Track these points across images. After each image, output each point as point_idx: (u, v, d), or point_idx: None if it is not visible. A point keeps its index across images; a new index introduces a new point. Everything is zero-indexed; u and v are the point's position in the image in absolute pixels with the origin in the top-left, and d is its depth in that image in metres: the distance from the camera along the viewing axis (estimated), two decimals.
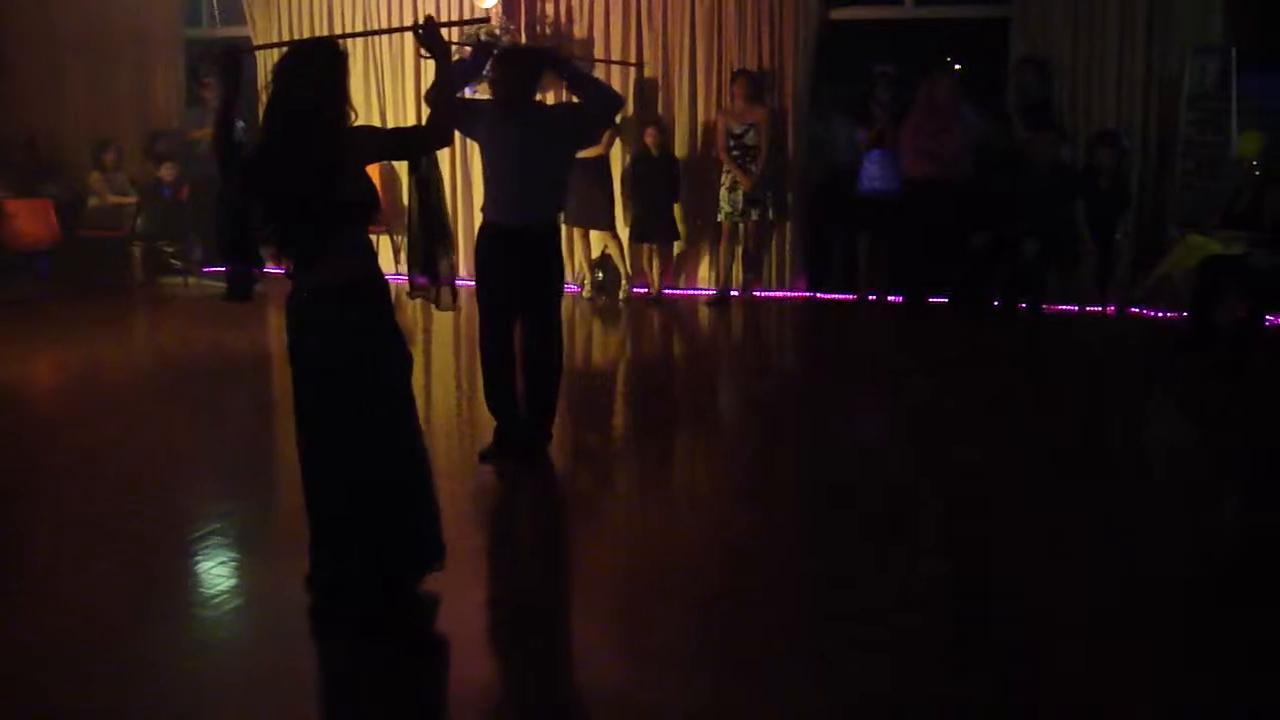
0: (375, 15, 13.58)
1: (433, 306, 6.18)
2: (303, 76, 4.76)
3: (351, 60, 4.94)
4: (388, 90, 13.52)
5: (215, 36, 14.71)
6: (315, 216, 4.73)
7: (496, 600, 5.46)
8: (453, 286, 6.19)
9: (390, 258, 12.67)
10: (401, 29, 6.85)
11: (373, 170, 5.97)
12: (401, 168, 11.54)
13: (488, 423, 7.16)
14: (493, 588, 5.64)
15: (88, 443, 7.78)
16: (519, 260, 6.76)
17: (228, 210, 5.02)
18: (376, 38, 13.41)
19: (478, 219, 7.40)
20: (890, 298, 11.97)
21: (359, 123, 5.03)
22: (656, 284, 12.71)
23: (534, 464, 7.03)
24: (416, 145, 5.46)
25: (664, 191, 12.42)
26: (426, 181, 5.97)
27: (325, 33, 13.52)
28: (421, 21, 5.27)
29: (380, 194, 5.12)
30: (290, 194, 4.72)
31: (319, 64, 4.82)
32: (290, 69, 4.79)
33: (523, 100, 6.81)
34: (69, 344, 11.04)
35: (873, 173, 11.79)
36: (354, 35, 12.24)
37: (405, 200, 5.83)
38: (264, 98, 4.84)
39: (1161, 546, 5.85)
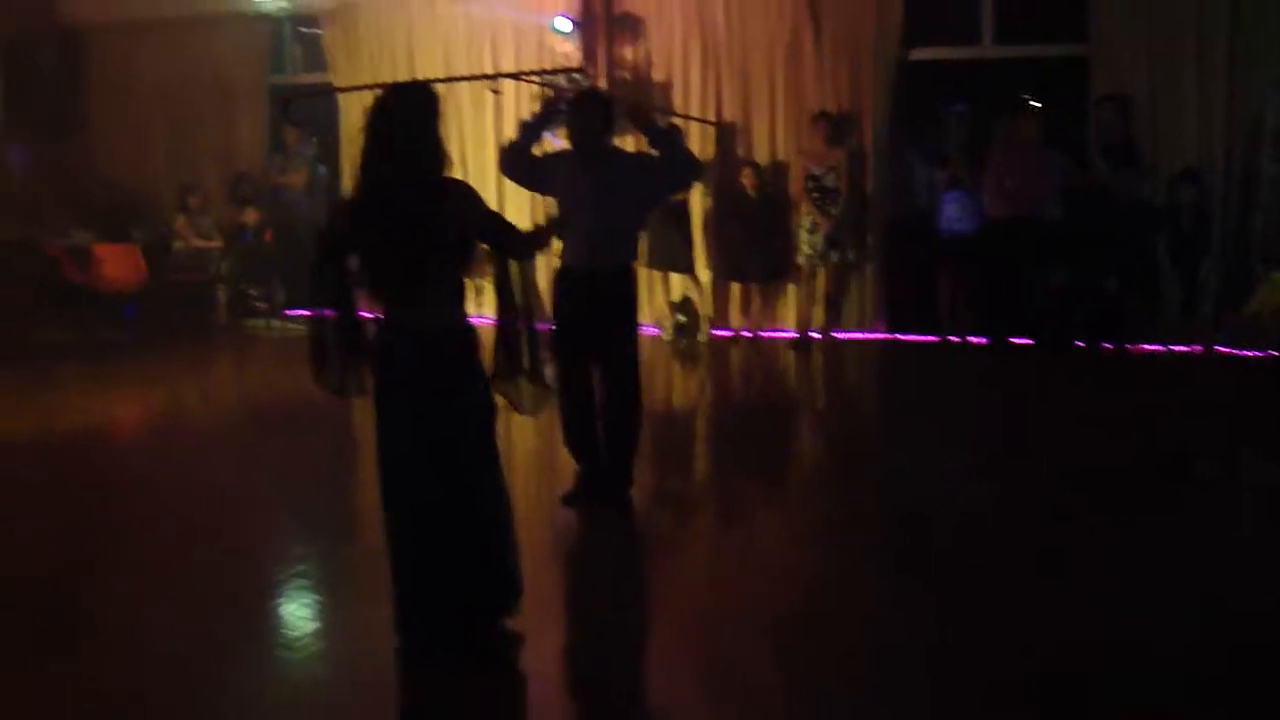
0: (455, 59, 13.71)
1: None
2: (400, 119, 4.74)
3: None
4: (468, 131, 13.62)
5: (298, 82, 14.94)
6: (410, 261, 4.71)
7: (576, 641, 5.44)
8: (543, 383, 5.75)
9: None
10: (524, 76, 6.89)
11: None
12: None
13: (569, 466, 7.16)
14: (573, 629, 5.62)
15: (171, 484, 7.86)
16: (593, 305, 6.77)
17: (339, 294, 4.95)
18: (457, 86, 13.56)
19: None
20: (972, 339, 11.86)
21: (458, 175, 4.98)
22: (751, 324, 12.72)
23: (616, 508, 7.02)
24: (506, 245, 5.14)
25: (760, 232, 12.42)
26: (516, 280, 5.67)
27: (406, 76, 13.67)
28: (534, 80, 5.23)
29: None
30: (386, 238, 4.71)
31: (415, 105, 4.80)
32: (388, 112, 4.77)
33: (598, 146, 6.84)
34: (154, 386, 11.19)
35: (951, 213, 11.72)
36: (475, 79, 12.47)
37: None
38: (360, 140, 4.80)
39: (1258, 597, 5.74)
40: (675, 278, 12.69)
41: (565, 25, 12.61)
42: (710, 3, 12.80)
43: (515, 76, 12.99)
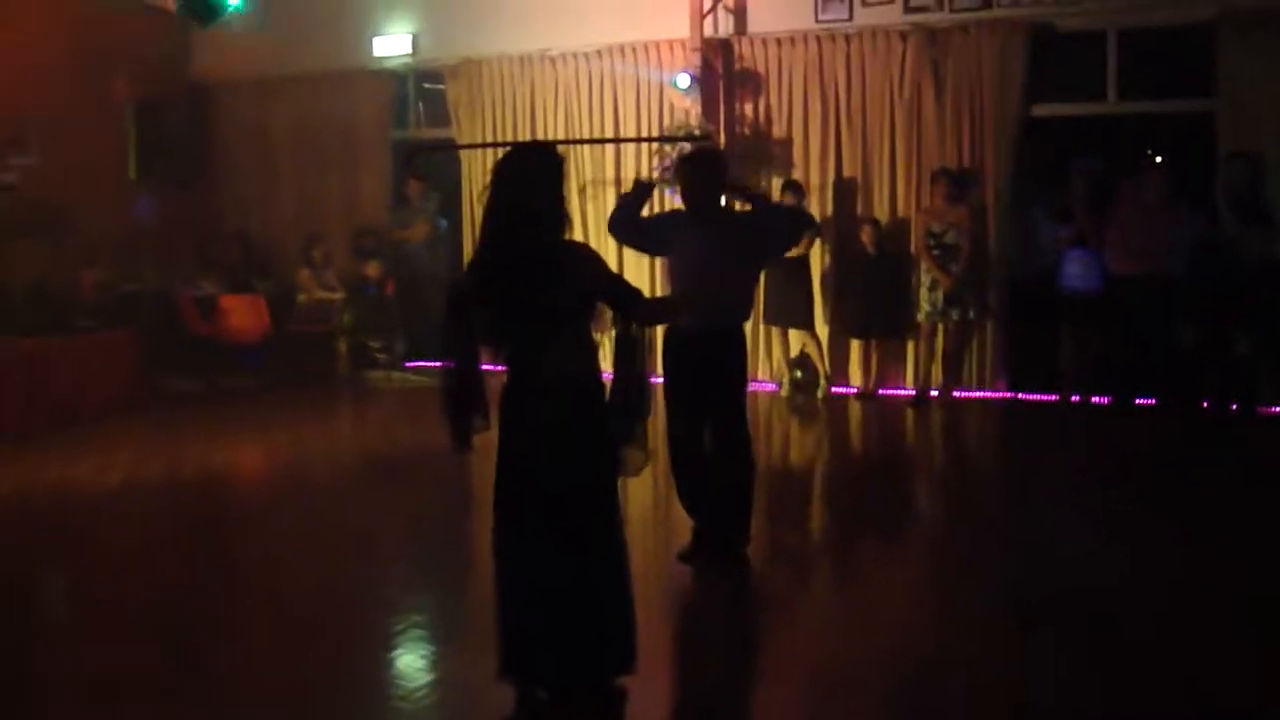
0: (576, 114, 13.83)
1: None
2: (522, 180, 4.78)
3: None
4: (588, 189, 13.71)
5: (421, 137, 15.15)
6: (532, 321, 4.76)
7: (687, 699, 5.42)
8: (644, 445, 5.79)
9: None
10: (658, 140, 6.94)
11: None
12: None
13: (685, 522, 7.12)
14: (684, 686, 5.59)
15: (290, 532, 7.97)
16: (704, 365, 6.77)
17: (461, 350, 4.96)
18: (576, 137, 13.70)
19: None
20: (1095, 399, 11.66)
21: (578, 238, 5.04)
22: (871, 382, 12.67)
23: (732, 565, 6.97)
24: (630, 309, 5.08)
25: (880, 289, 12.37)
26: (633, 342, 5.67)
27: (527, 134, 13.83)
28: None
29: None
30: (507, 300, 4.75)
31: (539, 168, 4.84)
32: (510, 174, 4.81)
33: (710, 206, 6.86)
34: (276, 434, 11.36)
35: (1074, 271, 11.55)
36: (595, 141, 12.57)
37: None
38: (484, 200, 4.85)
39: None
40: (794, 334, 12.64)
41: (685, 81, 12.67)
42: (830, 59, 12.79)
43: (637, 140, 13.08)
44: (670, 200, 11.68)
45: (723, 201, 7.15)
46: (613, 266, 5.29)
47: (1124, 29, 12.07)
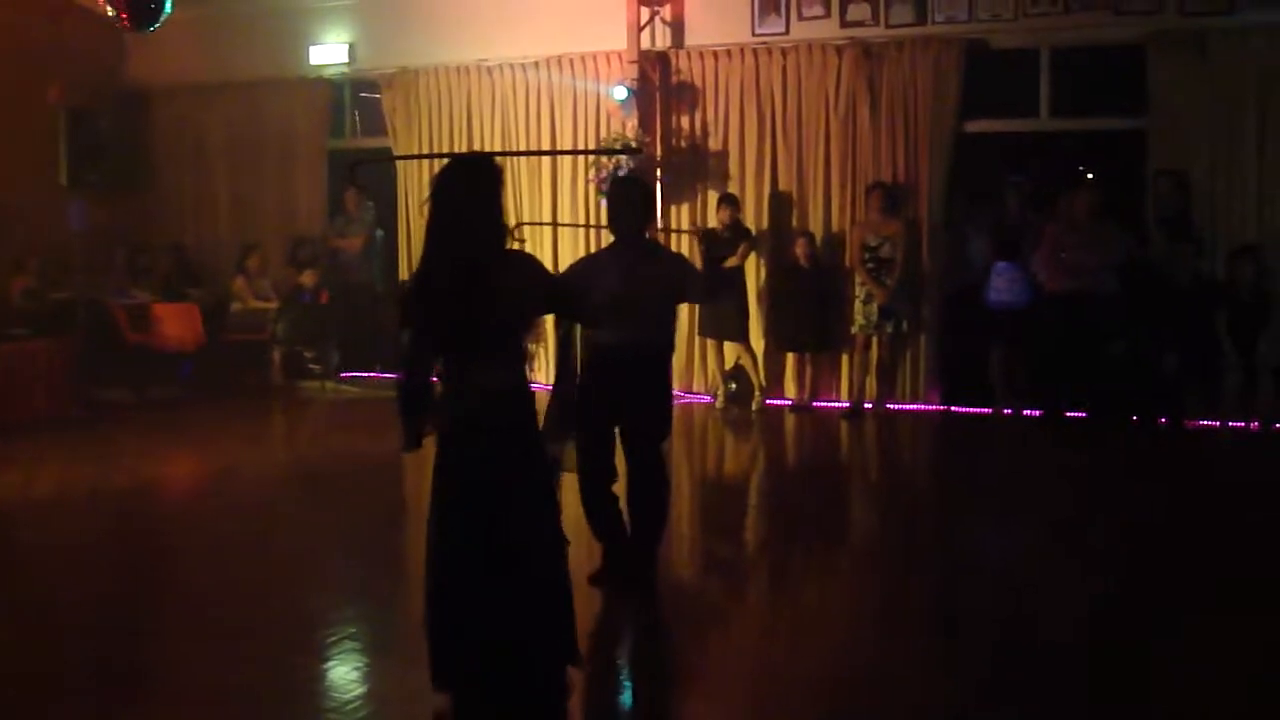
0: (512, 125, 13.83)
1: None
2: (461, 192, 4.86)
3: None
4: (524, 198, 13.71)
5: (359, 147, 15.09)
6: (473, 331, 4.83)
7: (617, 713, 5.44)
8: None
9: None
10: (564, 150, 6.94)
11: None
12: None
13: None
14: (613, 700, 5.60)
15: (221, 544, 7.91)
16: (624, 386, 6.63)
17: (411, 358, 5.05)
18: (513, 148, 13.71)
19: None
20: (1026, 412, 11.78)
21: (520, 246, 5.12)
22: (805, 394, 12.73)
23: (640, 592, 6.79)
24: (570, 312, 5.49)
25: (814, 302, 12.43)
26: (570, 344, 5.84)
27: (464, 144, 13.82)
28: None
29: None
30: (450, 309, 4.81)
31: (477, 180, 4.92)
32: (449, 184, 4.90)
33: (632, 230, 6.77)
34: (208, 445, 11.28)
35: (1000, 285, 11.62)
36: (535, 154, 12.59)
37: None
38: (426, 212, 4.92)
39: None
40: (729, 346, 12.67)
41: (622, 94, 12.69)
42: (767, 73, 12.85)
43: (573, 153, 13.07)
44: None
45: (647, 233, 7.09)
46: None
47: (1057, 47, 12.19)
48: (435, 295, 4.85)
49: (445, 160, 5.16)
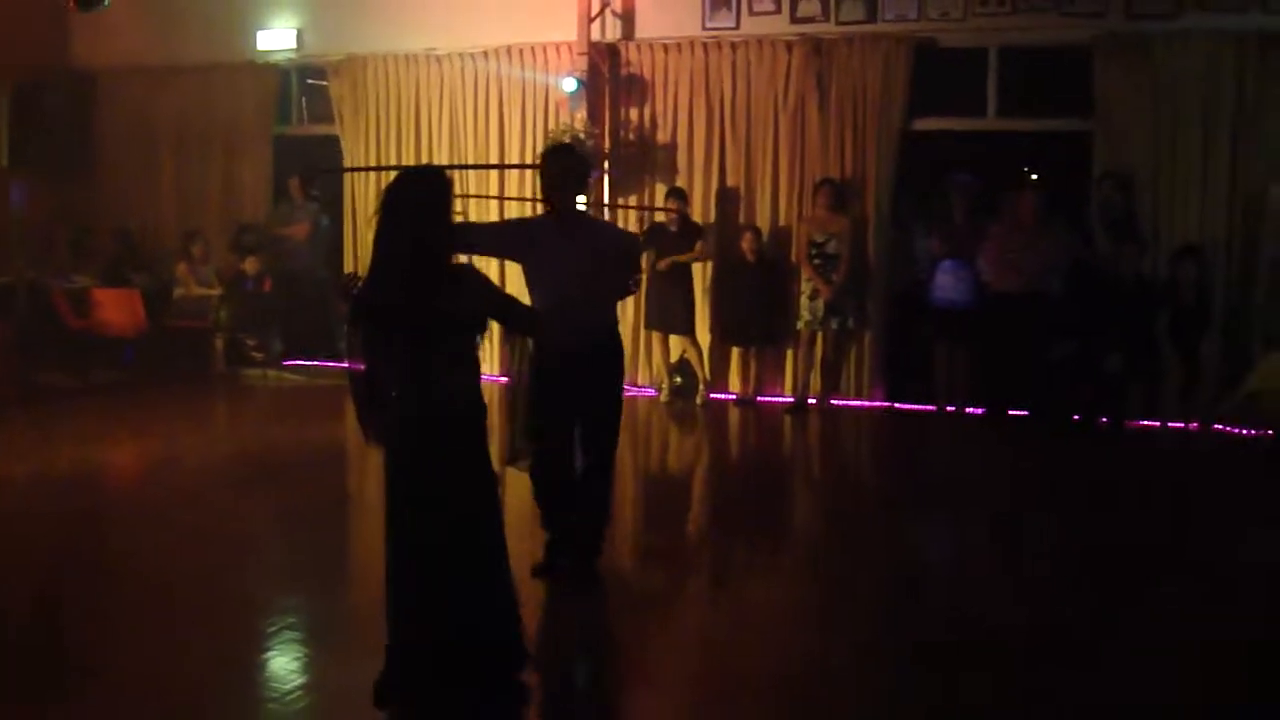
0: (461, 115, 13.77)
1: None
2: (411, 206, 4.90)
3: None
4: (471, 183, 13.65)
5: (305, 133, 14.99)
6: (424, 341, 4.92)
7: (562, 707, 5.45)
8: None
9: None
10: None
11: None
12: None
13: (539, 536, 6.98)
14: (558, 695, 5.60)
15: (163, 531, 7.83)
16: (581, 380, 6.55)
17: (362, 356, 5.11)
18: (462, 143, 13.65)
19: None
20: (969, 409, 11.85)
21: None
22: (750, 388, 12.75)
23: (583, 580, 6.79)
24: (513, 323, 5.63)
25: (760, 296, 12.46)
26: (519, 350, 5.99)
27: (411, 133, 13.77)
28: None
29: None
30: (400, 319, 4.89)
31: (427, 194, 4.97)
32: (399, 198, 4.93)
33: (567, 202, 6.63)
34: (149, 432, 11.16)
35: (943, 283, 11.69)
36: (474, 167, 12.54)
37: None
38: (375, 221, 4.96)
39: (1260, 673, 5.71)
40: (674, 339, 12.67)
41: (572, 85, 12.66)
42: (717, 67, 12.86)
43: (520, 167, 12.97)
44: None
45: (581, 204, 7.03)
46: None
47: (1005, 47, 12.26)
48: (387, 308, 4.91)
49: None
